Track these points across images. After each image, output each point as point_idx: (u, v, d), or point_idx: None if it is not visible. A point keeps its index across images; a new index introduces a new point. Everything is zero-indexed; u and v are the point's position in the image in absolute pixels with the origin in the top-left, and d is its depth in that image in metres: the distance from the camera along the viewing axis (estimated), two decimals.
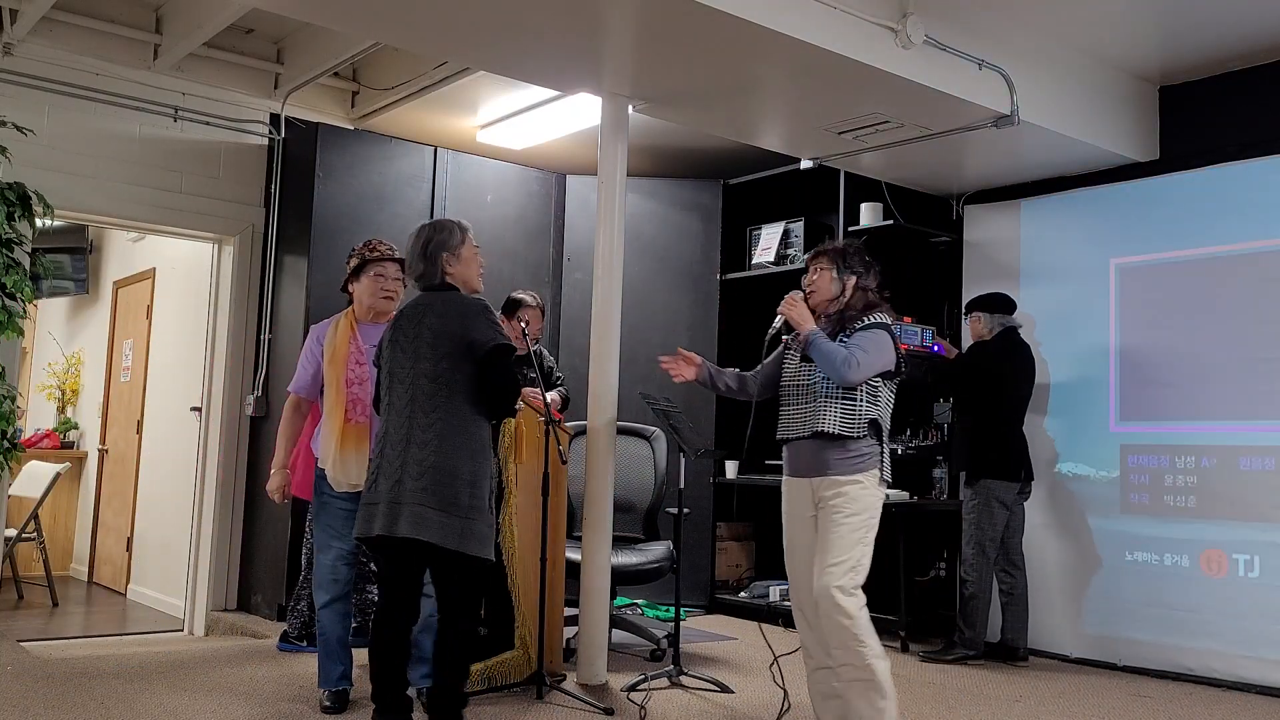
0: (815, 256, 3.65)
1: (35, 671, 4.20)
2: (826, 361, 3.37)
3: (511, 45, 4.19)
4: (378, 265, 3.87)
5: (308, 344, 3.94)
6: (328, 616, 3.77)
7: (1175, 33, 4.75)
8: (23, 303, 4.77)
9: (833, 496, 3.37)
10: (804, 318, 3.50)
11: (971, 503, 5.08)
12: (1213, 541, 4.84)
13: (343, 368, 3.76)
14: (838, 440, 3.38)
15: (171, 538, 6.27)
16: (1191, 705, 4.40)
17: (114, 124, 5.47)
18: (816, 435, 3.40)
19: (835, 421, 3.38)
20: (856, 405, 3.40)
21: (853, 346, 3.39)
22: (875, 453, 3.41)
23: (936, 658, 5.02)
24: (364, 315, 3.88)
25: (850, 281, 3.57)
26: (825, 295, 3.58)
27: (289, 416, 3.94)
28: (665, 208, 6.46)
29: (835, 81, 4.39)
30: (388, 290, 3.88)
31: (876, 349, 3.40)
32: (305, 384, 3.91)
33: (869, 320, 3.48)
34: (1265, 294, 4.80)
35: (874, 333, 3.45)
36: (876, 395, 3.44)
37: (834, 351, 3.36)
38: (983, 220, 5.90)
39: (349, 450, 3.68)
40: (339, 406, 3.72)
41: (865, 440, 3.39)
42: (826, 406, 3.40)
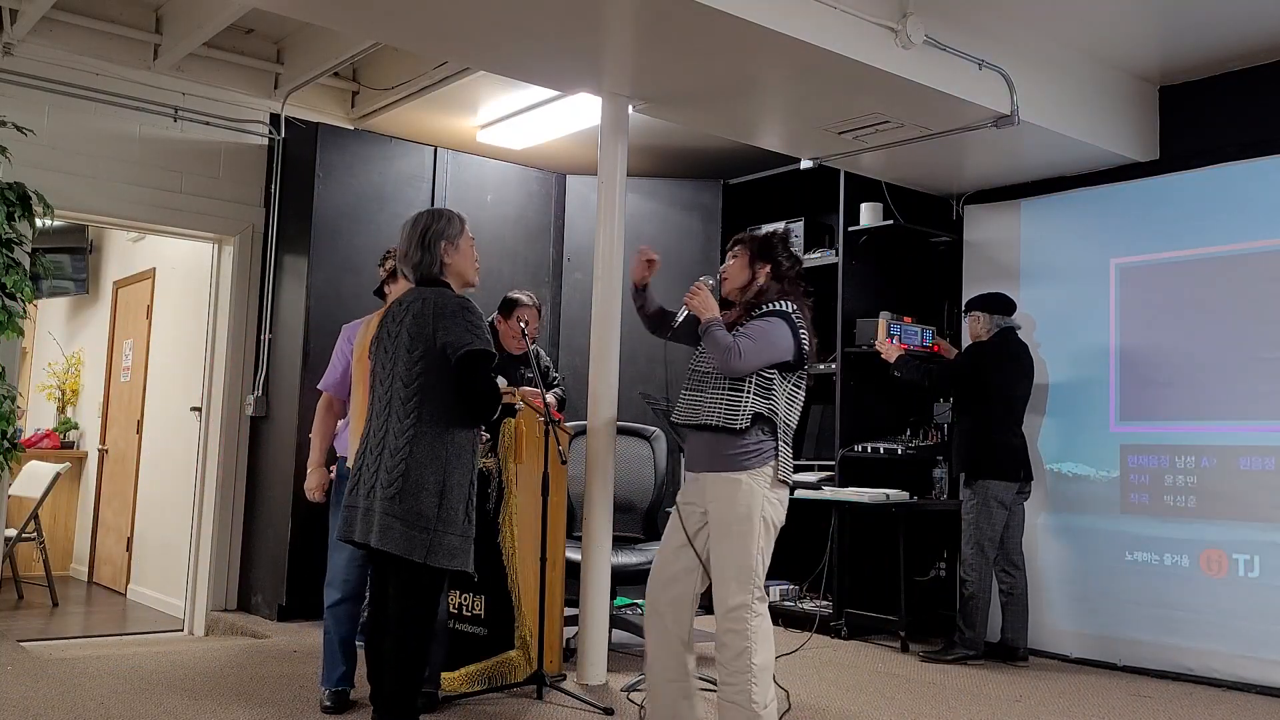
0: (733, 244, 3.52)
1: (35, 671, 4.20)
2: (714, 349, 3.22)
3: (511, 45, 4.19)
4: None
5: (339, 343, 3.96)
6: (333, 616, 3.77)
7: (1175, 33, 4.75)
8: (23, 303, 4.77)
9: (717, 498, 3.22)
10: (705, 306, 3.33)
11: (970, 503, 5.08)
12: (1213, 541, 4.84)
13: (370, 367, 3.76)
14: (723, 433, 3.21)
15: (171, 538, 6.27)
16: (1191, 705, 4.40)
17: (114, 124, 5.47)
18: (701, 427, 3.26)
19: (718, 413, 3.21)
20: (742, 397, 3.21)
21: (740, 335, 3.23)
22: (765, 450, 3.21)
23: (936, 658, 5.02)
24: None
25: (763, 270, 3.40)
26: (734, 283, 3.44)
27: (321, 415, 3.95)
28: (665, 208, 6.46)
29: (835, 81, 4.39)
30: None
31: (765, 338, 3.23)
32: (335, 382, 3.93)
33: (769, 307, 3.32)
34: (1265, 294, 4.80)
35: (768, 321, 3.28)
36: (769, 388, 3.24)
37: (721, 339, 3.21)
38: (983, 220, 5.90)
39: None
40: (364, 406, 3.68)
41: (752, 435, 3.20)
42: (713, 397, 3.25)
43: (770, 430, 3.23)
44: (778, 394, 3.25)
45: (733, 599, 3.15)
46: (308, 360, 5.47)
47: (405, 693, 3.08)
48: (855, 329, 5.75)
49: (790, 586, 6.00)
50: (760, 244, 3.44)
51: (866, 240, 5.90)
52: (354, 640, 3.83)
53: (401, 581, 3.09)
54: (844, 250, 5.84)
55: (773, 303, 3.33)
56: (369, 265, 5.68)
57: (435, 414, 3.10)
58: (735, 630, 3.15)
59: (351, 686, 3.80)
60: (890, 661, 5.01)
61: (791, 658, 4.84)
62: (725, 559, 3.18)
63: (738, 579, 3.16)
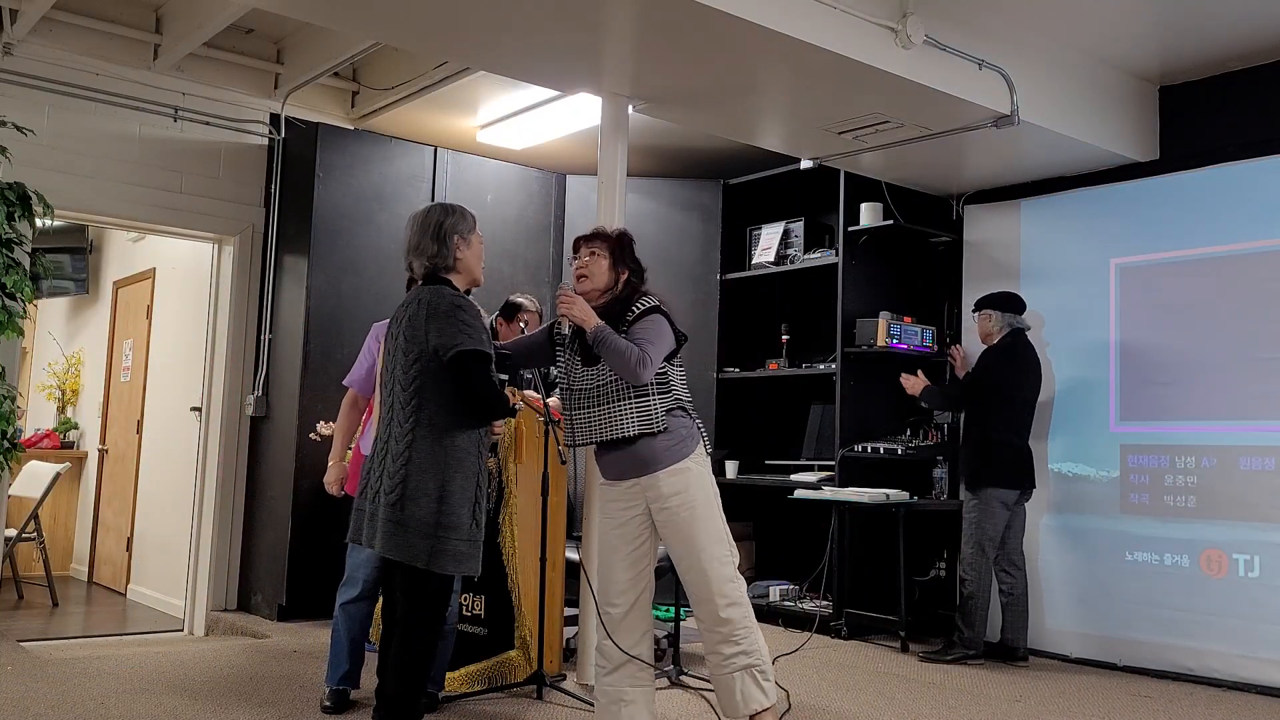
0: (590, 239, 3.41)
1: (35, 671, 4.20)
2: (618, 361, 3.14)
3: (511, 45, 4.19)
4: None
5: (367, 340, 3.95)
6: (345, 614, 3.76)
7: (1175, 33, 4.75)
8: (23, 303, 4.77)
9: (671, 494, 3.20)
10: (587, 314, 3.23)
11: (972, 503, 5.08)
12: (1213, 541, 4.84)
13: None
14: (645, 438, 3.20)
15: (171, 538, 6.27)
16: (1191, 705, 4.40)
17: (114, 124, 5.47)
18: (624, 440, 3.21)
19: (632, 423, 3.19)
20: (650, 400, 3.21)
21: (640, 341, 3.18)
22: (691, 432, 3.28)
23: (936, 658, 5.02)
24: None
25: (624, 274, 3.38)
26: (599, 283, 3.35)
27: (346, 410, 3.95)
28: (665, 208, 6.46)
29: (835, 81, 4.39)
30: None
31: (659, 337, 3.22)
32: (360, 379, 3.92)
33: (642, 305, 3.28)
34: (1265, 294, 4.80)
35: (651, 320, 3.25)
36: (667, 381, 3.27)
37: (624, 349, 3.14)
38: (983, 220, 5.90)
39: None
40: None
41: (674, 433, 3.22)
42: (619, 408, 3.21)
43: (684, 415, 3.30)
44: (675, 383, 3.31)
45: (726, 569, 3.22)
46: (308, 360, 5.48)
47: (407, 695, 3.08)
48: (855, 329, 5.75)
49: (790, 586, 6.01)
50: (620, 246, 3.40)
51: (866, 240, 5.89)
52: (364, 641, 3.81)
53: (407, 586, 3.09)
54: (844, 250, 5.83)
55: (640, 301, 3.30)
56: (369, 265, 5.69)
57: (434, 418, 3.07)
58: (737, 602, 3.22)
59: (355, 687, 3.78)
60: (890, 661, 5.01)
61: (791, 658, 4.84)
62: (705, 540, 3.21)
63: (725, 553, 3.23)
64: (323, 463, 5.32)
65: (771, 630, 5.63)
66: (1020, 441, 5.14)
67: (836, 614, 5.56)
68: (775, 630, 5.64)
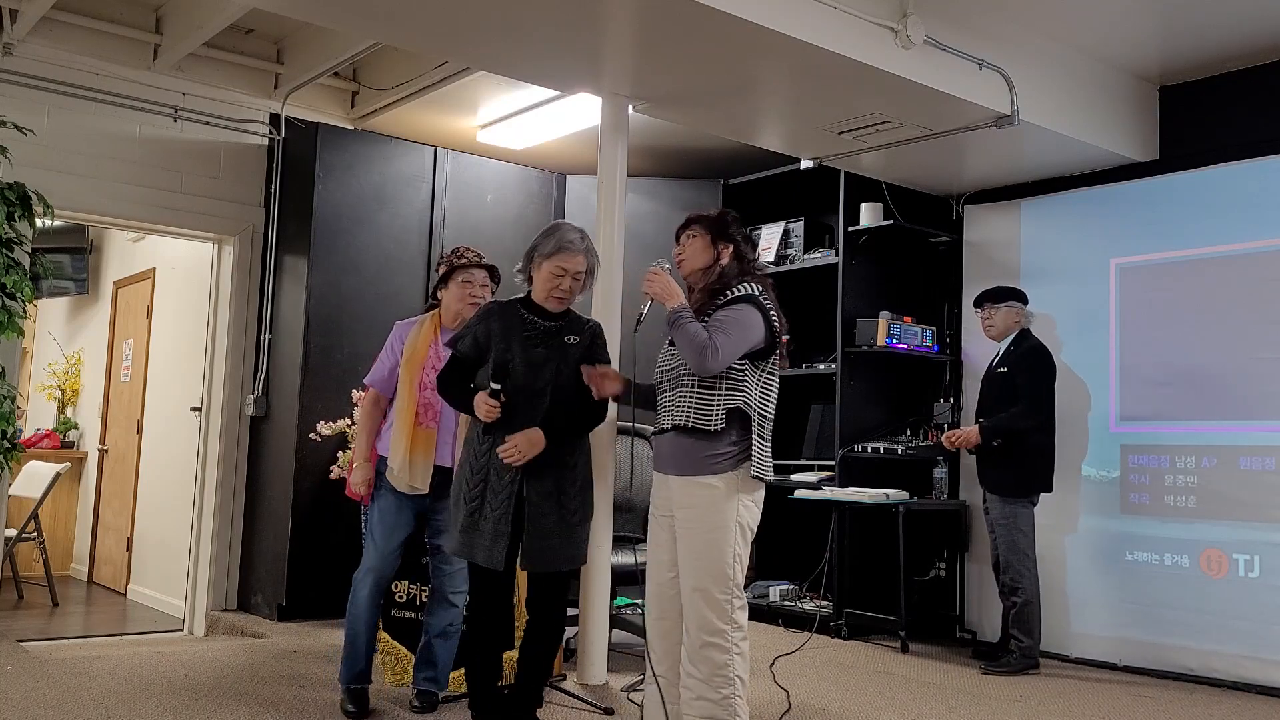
0: (687, 224, 3.27)
1: (35, 671, 4.20)
2: (686, 345, 2.98)
3: (511, 45, 4.19)
4: (465, 272, 3.82)
5: (390, 340, 3.89)
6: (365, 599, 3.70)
7: (1175, 33, 4.75)
8: (23, 303, 4.77)
9: (686, 504, 3.03)
10: (669, 292, 3.09)
11: (1008, 510, 4.93)
12: (1213, 541, 4.84)
13: (418, 370, 3.73)
14: (694, 434, 3.01)
15: (171, 538, 6.27)
16: (1191, 705, 4.40)
17: (114, 124, 5.47)
18: (675, 429, 3.06)
19: (689, 413, 3.01)
20: (715, 394, 3.01)
21: (713, 330, 2.98)
22: (737, 450, 3.02)
23: (998, 670, 4.84)
24: (450, 321, 3.82)
25: (726, 250, 3.17)
26: (696, 264, 3.19)
27: (368, 410, 3.85)
28: (665, 208, 6.45)
29: (835, 81, 4.39)
30: (475, 296, 3.80)
31: (739, 329, 2.99)
32: (382, 379, 3.84)
33: (735, 292, 3.08)
34: (1265, 294, 4.80)
35: (737, 309, 3.03)
36: (742, 381, 3.03)
37: (695, 335, 2.96)
38: (983, 220, 5.90)
39: (418, 454, 3.65)
40: (410, 409, 3.68)
41: (725, 435, 3.00)
42: (684, 396, 3.04)
43: (744, 428, 3.04)
44: (750, 386, 3.06)
45: (710, 611, 2.98)
46: (308, 360, 5.48)
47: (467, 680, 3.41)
48: (855, 329, 5.75)
49: (790, 586, 6.01)
50: (718, 223, 3.23)
51: (866, 240, 5.89)
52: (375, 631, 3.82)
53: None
54: (844, 250, 5.83)
55: (737, 286, 3.11)
56: (369, 265, 5.69)
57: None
58: (716, 644, 2.98)
59: (369, 683, 3.76)
60: (890, 661, 5.01)
61: (791, 658, 4.84)
62: (700, 569, 2.99)
63: (716, 589, 2.98)
64: (324, 463, 5.36)
65: (771, 630, 5.64)
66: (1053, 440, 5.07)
67: (836, 614, 5.56)
68: (775, 630, 5.64)
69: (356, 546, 3.73)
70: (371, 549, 3.73)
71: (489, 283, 3.87)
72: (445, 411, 3.69)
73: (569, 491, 3.28)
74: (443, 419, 3.70)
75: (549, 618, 3.39)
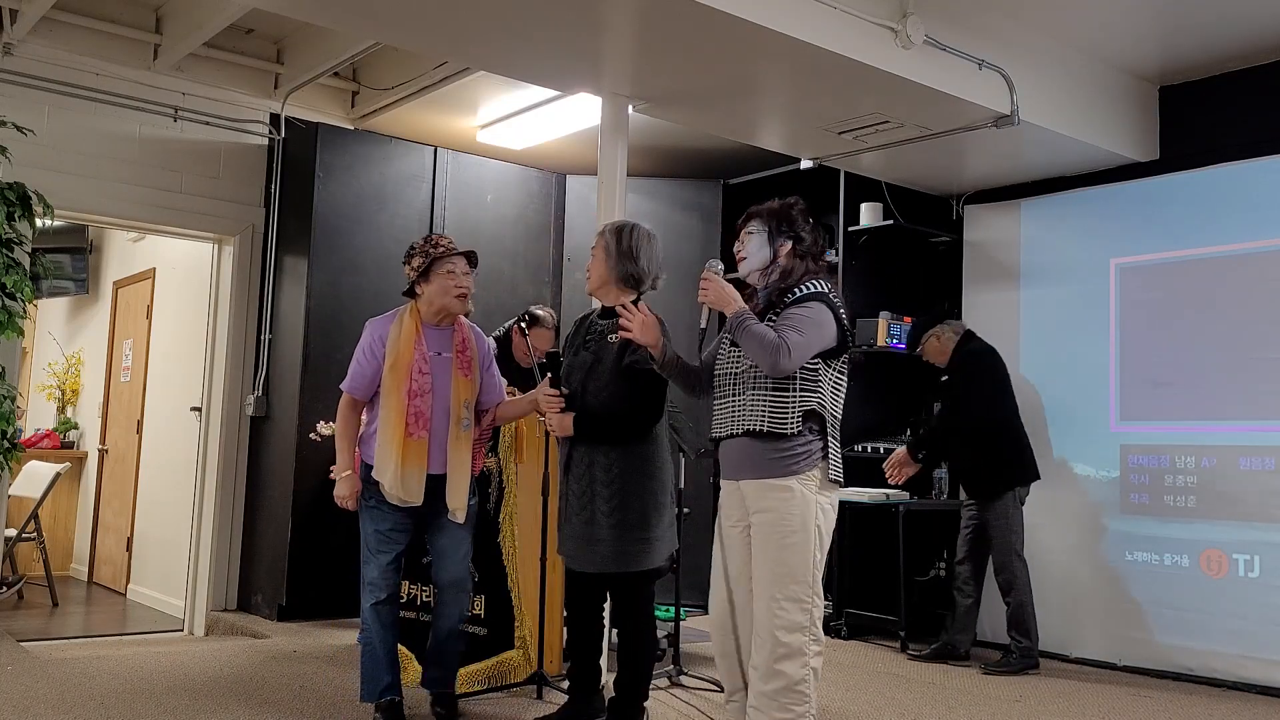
0: (746, 219, 3.10)
1: (35, 671, 4.20)
2: (755, 348, 2.84)
3: (511, 45, 4.19)
4: (447, 262, 3.55)
5: (368, 342, 3.59)
6: (375, 618, 3.51)
7: (1175, 33, 4.75)
8: (23, 303, 4.77)
9: (762, 508, 2.89)
10: (724, 298, 2.96)
11: (993, 511, 4.93)
12: (1213, 541, 4.84)
13: (405, 377, 3.48)
14: (768, 437, 2.88)
15: (171, 538, 6.27)
16: (1191, 705, 4.40)
17: (114, 124, 5.47)
18: (746, 434, 2.92)
19: (764, 417, 2.87)
20: (790, 396, 2.87)
21: (783, 328, 2.84)
22: (814, 450, 2.89)
23: (998, 670, 4.84)
24: (430, 317, 3.58)
25: (784, 248, 3.01)
26: (754, 264, 3.04)
27: (347, 416, 3.61)
28: (665, 208, 6.46)
29: (835, 81, 4.39)
30: (462, 287, 3.55)
31: (812, 327, 2.86)
32: (362, 385, 3.59)
33: (802, 290, 2.93)
34: (1265, 294, 4.80)
35: (807, 307, 2.89)
36: (816, 381, 2.91)
37: (762, 335, 2.83)
38: (983, 220, 5.90)
39: (410, 466, 3.44)
40: (399, 420, 3.45)
41: (801, 437, 2.87)
42: (756, 399, 2.89)
43: (819, 427, 2.91)
44: (824, 386, 2.93)
45: (788, 622, 2.83)
46: (308, 360, 5.48)
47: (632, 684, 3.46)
48: (855, 329, 5.73)
49: None
50: (778, 216, 3.05)
51: (866, 240, 5.89)
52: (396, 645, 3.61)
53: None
54: (844, 250, 5.84)
55: (803, 284, 2.96)
56: (369, 265, 5.69)
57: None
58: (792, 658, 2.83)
59: (400, 696, 3.57)
60: (890, 661, 5.01)
61: None
62: (780, 577, 2.84)
63: (793, 599, 2.85)
64: (324, 463, 5.35)
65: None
66: (1021, 430, 5.07)
67: (836, 614, 5.56)
68: None
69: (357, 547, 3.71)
70: (372, 567, 3.51)
71: (469, 269, 3.61)
72: (436, 418, 3.50)
73: (601, 494, 3.29)
74: (433, 426, 3.49)
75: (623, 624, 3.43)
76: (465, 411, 3.57)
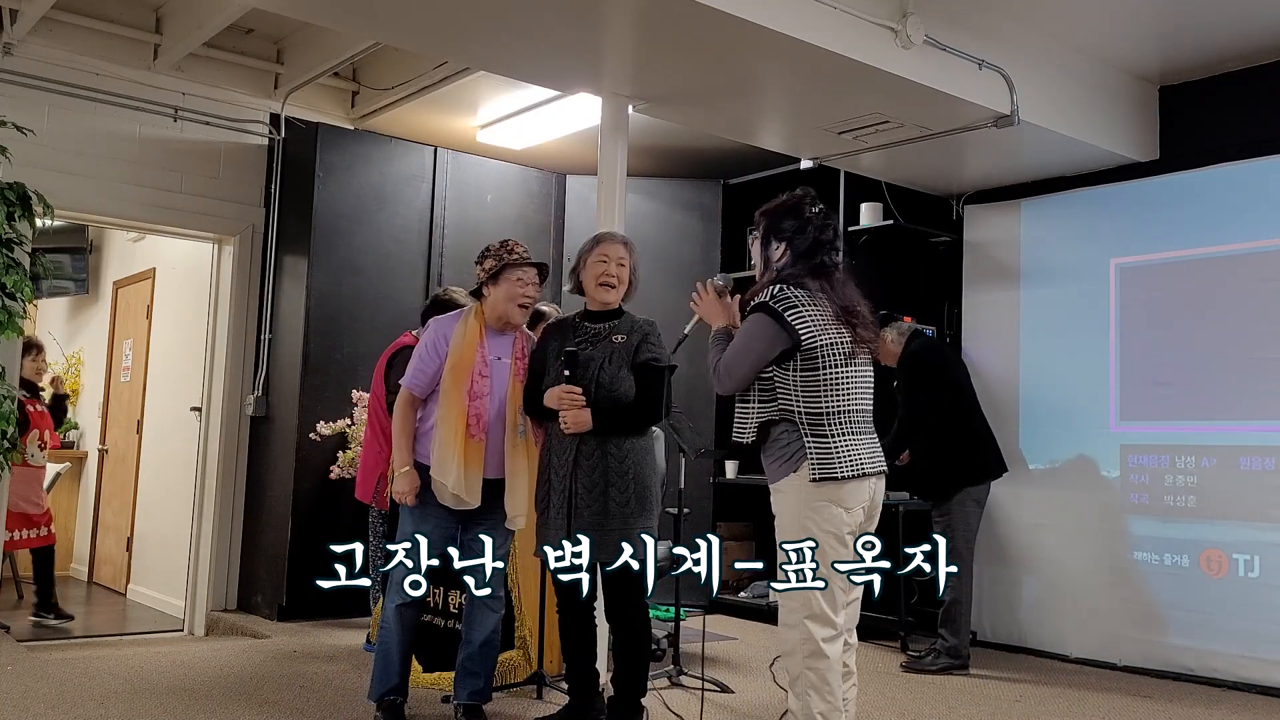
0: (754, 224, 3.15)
1: (35, 671, 4.20)
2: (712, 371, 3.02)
3: (511, 45, 4.19)
4: (517, 270, 3.52)
5: (431, 339, 3.54)
6: (397, 620, 3.48)
7: (1175, 33, 4.75)
8: (23, 303, 4.76)
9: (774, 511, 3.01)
10: (713, 314, 3.08)
11: (942, 511, 4.88)
12: (1213, 541, 4.84)
13: (466, 377, 3.44)
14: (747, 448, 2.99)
15: (171, 538, 6.27)
16: (1191, 705, 4.40)
17: (114, 124, 5.47)
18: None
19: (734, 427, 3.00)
20: (747, 407, 2.97)
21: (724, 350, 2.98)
22: (793, 451, 2.90)
23: (919, 668, 4.82)
24: (494, 321, 3.54)
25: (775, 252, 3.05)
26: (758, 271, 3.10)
27: (406, 413, 3.54)
28: (665, 208, 6.46)
29: (835, 81, 4.39)
30: (527, 296, 3.54)
31: (743, 343, 2.94)
32: (423, 382, 3.53)
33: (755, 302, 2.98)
34: (1265, 294, 4.80)
35: (746, 322, 2.97)
36: (771, 391, 2.94)
37: (711, 362, 3.00)
38: (983, 220, 5.90)
39: (471, 468, 3.41)
40: (460, 420, 3.42)
41: (778, 441, 2.93)
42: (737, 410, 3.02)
43: (794, 428, 2.91)
44: (789, 389, 2.92)
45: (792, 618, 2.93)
46: (308, 360, 5.48)
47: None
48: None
49: None
50: (769, 218, 3.07)
51: (866, 240, 5.89)
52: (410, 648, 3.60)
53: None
54: (844, 250, 5.81)
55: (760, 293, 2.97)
56: (369, 265, 5.69)
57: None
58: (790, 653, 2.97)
59: (404, 698, 3.58)
60: (890, 661, 5.01)
61: None
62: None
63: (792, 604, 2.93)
64: (324, 463, 5.36)
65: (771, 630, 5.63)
66: (980, 426, 5.00)
67: None
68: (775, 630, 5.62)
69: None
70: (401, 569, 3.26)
71: (537, 281, 3.59)
72: (493, 422, 3.48)
73: (616, 484, 3.36)
74: (490, 430, 3.47)
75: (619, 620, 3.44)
76: (521, 419, 3.53)
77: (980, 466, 4.94)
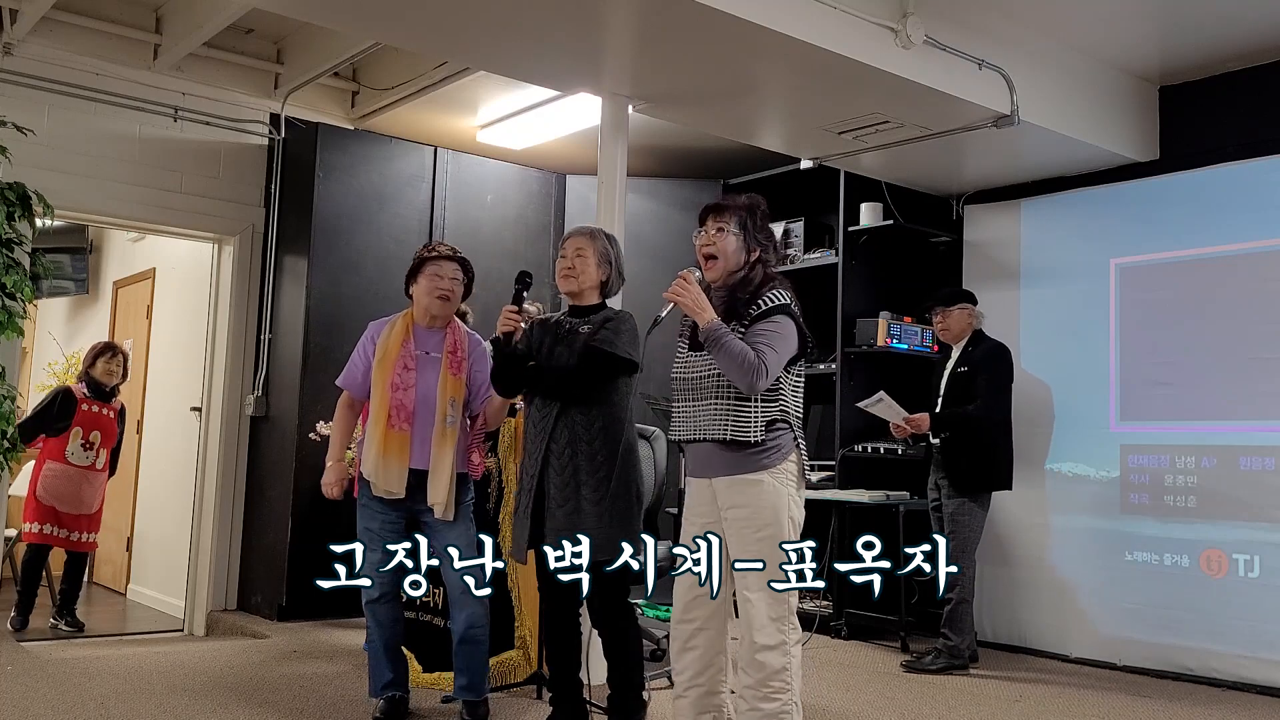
0: (718, 212, 3.04)
1: (35, 671, 4.20)
2: (732, 366, 2.84)
3: (511, 45, 4.19)
4: (434, 264, 3.64)
5: (362, 341, 3.74)
6: (371, 616, 3.58)
7: (1175, 33, 4.75)
8: (23, 303, 4.75)
9: (736, 504, 2.92)
10: (700, 306, 2.91)
11: (963, 507, 4.88)
12: (1213, 541, 4.84)
13: (389, 371, 3.58)
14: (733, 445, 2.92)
15: (171, 538, 6.27)
16: (1191, 705, 4.40)
17: (114, 124, 5.47)
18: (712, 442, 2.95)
19: (728, 427, 2.90)
20: (753, 406, 2.90)
21: (759, 345, 2.85)
22: (784, 445, 2.93)
23: (920, 668, 4.83)
24: (420, 318, 3.68)
25: (757, 253, 3.01)
26: (730, 265, 3.00)
27: (342, 412, 3.75)
28: (665, 208, 6.46)
29: (835, 81, 4.39)
30: (443, 289, 3.63)
31: (783, 342, 2.89)
32: (355, 382, 3.71)
33: (767, 303, 2.94)
34: (1265, 294, 4.80)
35: (775, 321, 2.91)
36: (778, 391, 2.94)
37: (742, 355, 2.82)
38: (983, 220, 5.90)
39: (391, 458, 3.52)
40: (382, 412, 3.55)
41: (774, 438, 2.92)
42: (720, 408, 2.92)
43: (786, 426, 2.96)
44: (785, 391, 2.98)
45: (768, 613, 2.87)
46: (308, 360, 5.48)
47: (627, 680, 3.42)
48: (855, 329, 5.75)
49: None
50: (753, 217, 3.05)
51: (866, 240, 5.89)
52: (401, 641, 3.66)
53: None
54: (844, 250, 5.84)
55: (768, 294, 2.96)
56: (369, 265, 5.69)
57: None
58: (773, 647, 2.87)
59: (405, 692, 3.62)
60: (890, 661, 5.01)
61: None
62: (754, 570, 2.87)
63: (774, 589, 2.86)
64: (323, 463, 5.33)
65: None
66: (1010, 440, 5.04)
67: (836, 614, 5.56)
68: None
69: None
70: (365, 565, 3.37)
71: (460, 275, 3.68)
72: (420, 413, 3.55)
73: (587, 483, 3.25)
74: (417, 421, 3.54)
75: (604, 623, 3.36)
76: (451, 409, 3.59)
77: (1010, 473, 4.99)
